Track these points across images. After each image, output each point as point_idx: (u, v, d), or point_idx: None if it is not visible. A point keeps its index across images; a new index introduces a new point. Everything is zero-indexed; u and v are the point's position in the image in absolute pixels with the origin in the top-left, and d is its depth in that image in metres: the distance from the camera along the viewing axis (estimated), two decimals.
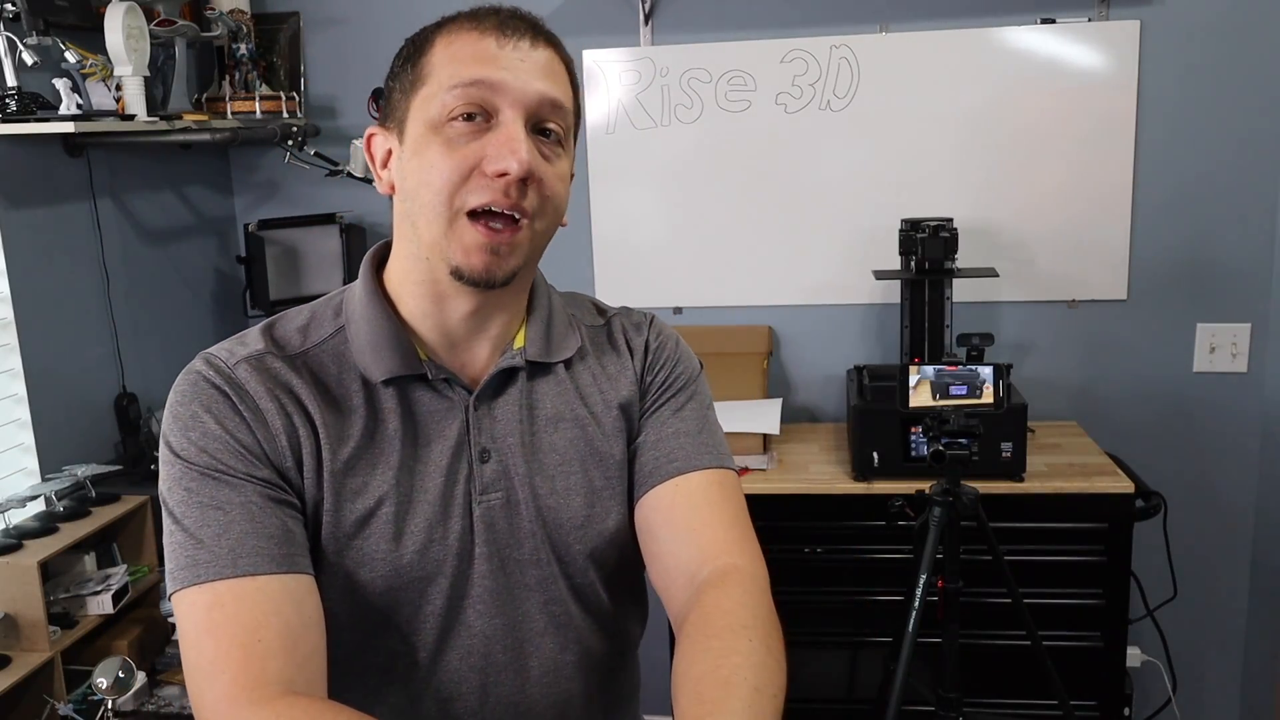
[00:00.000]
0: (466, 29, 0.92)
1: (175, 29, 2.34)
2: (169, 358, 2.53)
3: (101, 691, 1.67)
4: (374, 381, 0.95)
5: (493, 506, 0.96)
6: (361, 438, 0.94)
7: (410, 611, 0.95)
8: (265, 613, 0.85)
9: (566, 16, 2.64)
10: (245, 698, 0.81)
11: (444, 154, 0.90)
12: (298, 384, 0.93)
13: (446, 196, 0.89)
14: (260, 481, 0.90)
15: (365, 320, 0.96)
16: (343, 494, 0.93)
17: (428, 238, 0.92)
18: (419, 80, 0.93)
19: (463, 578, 0.96)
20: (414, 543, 0.94)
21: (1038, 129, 2.53)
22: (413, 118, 0.92)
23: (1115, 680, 2.28)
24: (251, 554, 0.86)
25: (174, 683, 1.89)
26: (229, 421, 0.90)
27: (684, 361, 1.08)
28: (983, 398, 1.95)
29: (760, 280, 2.70)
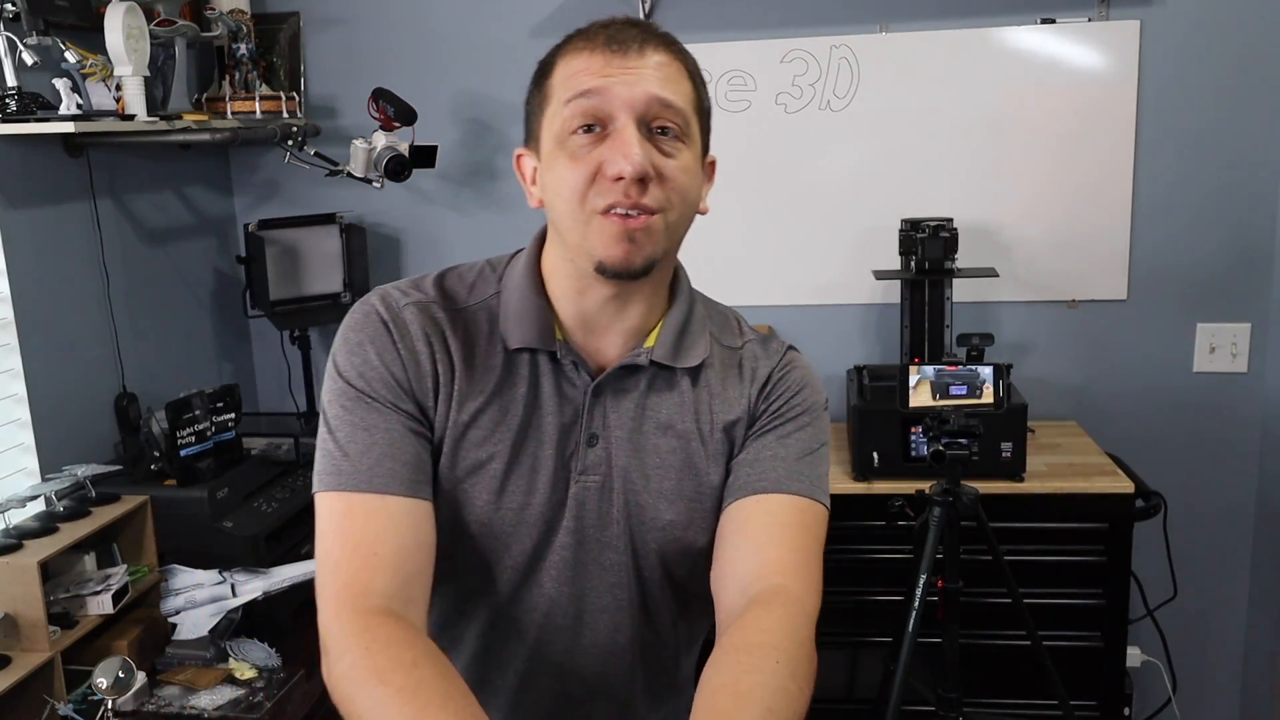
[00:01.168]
0: (580, 47, 1.01)
1: (175, 29, 2.34)
2: (169, 358, 2.53)
3: (101, 691, 1.67)
4: (510, 348, 1.05)
5: (588, 487, 1.05)
6: (491, 394, 1.04)
7: (493, 559, 1.05)
8: (386, 529, 0.97)
9: (566, 16, 2.64)
10: (351, 602, 0.93)
11: (569, 165, 0.98)
12: (450, 335, 1.04)
13: (577, 203, 0.98)
14: (404, 413, 1.01)
15: (517, 290, 1.06)
16: (463, 441, 1.03)
17: (571, 241, 1.00)
18: (545, 100, 1.02)
19: (545, 543, 1.05)
20: (512, 501, 1.04)
21: (1038, 129, 2.54)
22: (544, 135, 1.02)
23: (1115, 680, 2.28)
24: (386, 475, 0.98)
25: (174, 683, 1.89)
26: (388, 355, 1.02)
27: (805, 394, 1.11)
28: (983, 398, 1.95)
29: (760, 280, 2.70)
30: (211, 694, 1.85)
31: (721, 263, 2.68)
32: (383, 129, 2.45)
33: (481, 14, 2.68)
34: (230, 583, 1.99)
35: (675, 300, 1.09)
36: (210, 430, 2.12)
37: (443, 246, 2.81)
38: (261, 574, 2.01)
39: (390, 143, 2.44)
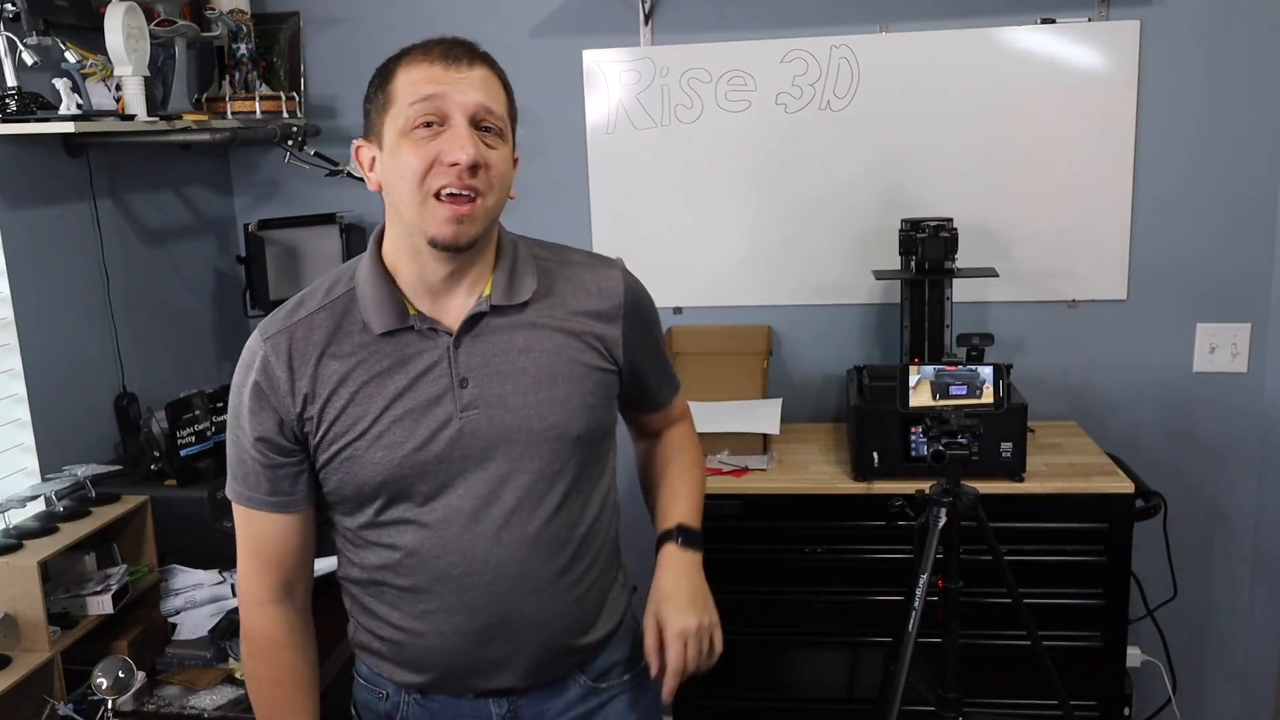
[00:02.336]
0: (419, 59, 1.23)
1: (175, 29, 2.34)
2: (169, 358, 2.53)
3: (101, 691, 1.67)
4: (375, 332, 1.25)
5: (473, 419, 1.25)
6: (364, 372, 1.25)
7: (406, 488, 1.26)
8: (271, 536, 1.31)
9: (566, 16, 2.64)
10: (254, 595, 1.33)
11: (412, 152, 1.19)
12: (310, 342, 1.25)
13: (417, 183, 1.19)
14: (266, 451, 1.27)
15: (369, 283, 1.26)
16: (344, 415, 1.24)
17: (408, 217, 1.21)
18: (389, 101, 1.22)
19: (447, 469, 1.25)
20: (402, 451, 1.24)
21: (1038, 129, 2.54)
22: (387, 130, 1.22)
23: (1115, 680, 2.28)
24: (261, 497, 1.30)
25: (174, 683, 1.89)
26: (255, 407, 1.27)
27: (649, 299, 1.42)
28: (983, 398, 1.95)
29: (760, 280, 2.70)
30: (211, 694, 1.85)
31: (722, 263, 2.68)
32: None
33: (481, 14, 2.68)
34: (230, 583, 1.99)
35: (501, 254, 1.31)
36: (210, 430, 2.12)
37: None
38: None
39: None
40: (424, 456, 1.24)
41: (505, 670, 1.33)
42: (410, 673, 1.35)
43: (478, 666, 1.32)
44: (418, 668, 1.34)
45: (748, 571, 2.33)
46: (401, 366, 1.25)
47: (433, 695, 1.36)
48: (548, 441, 1.28)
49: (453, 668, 1.32)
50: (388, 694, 1.39)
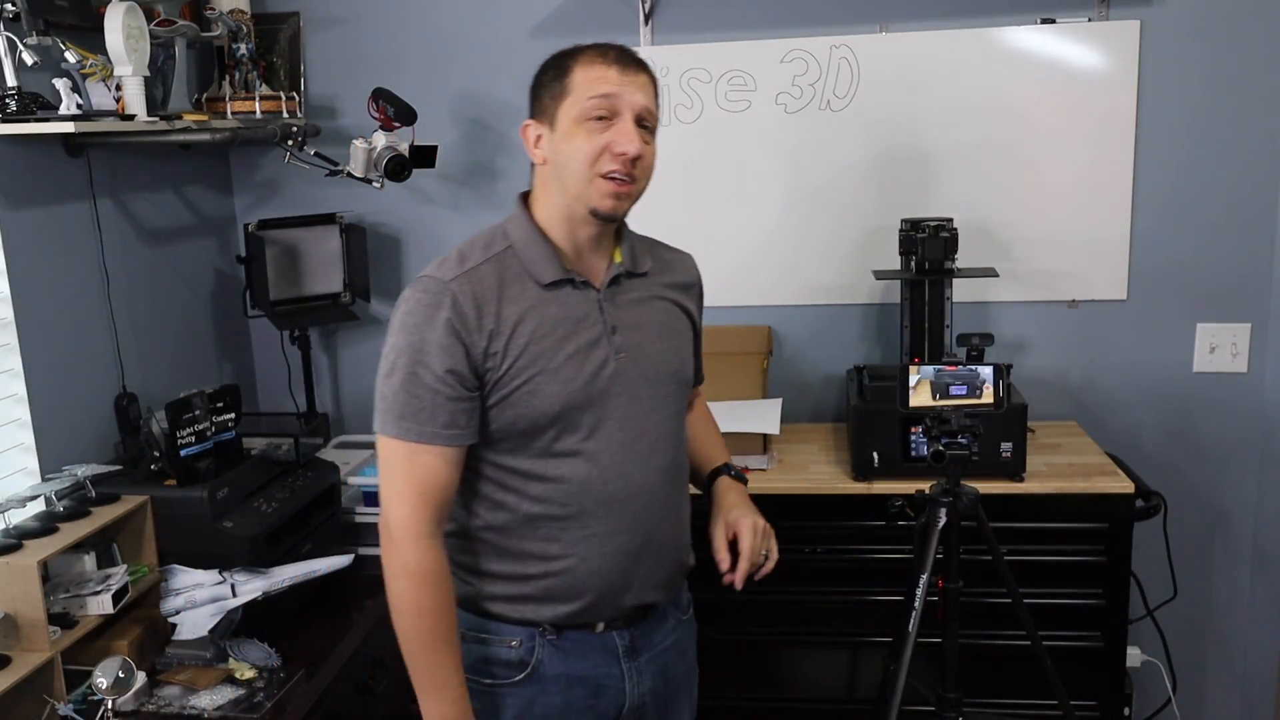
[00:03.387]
0: (598, 60, 1.42)
1: (175, 29, 2.34)
2: (169, 358, 2.53)
3: (101, 691, 1.67)
4: (543, 283, 1.44)
5: (623, 360, 1.47)
6: (535, 318, 1.42)
7: (575, 419, 1.44)
8: (437, 469, 1.41)
9: (567, 16, 2.64)
10: (416, 530, 1.40)
11: (586, 139, 1.40)
12: (485, 286, 1.41)
13: (588, 165, 1.40)
14: (450, 382, 1.39)
15: (531, 242, 1.46)
16: (524, 354, 1.41)
17: (574, 190, 1.42)
18: (564, 91, 1.42)
19: (606, 403, 1.45)
20: (573, 384, 1.43)
21: (1038, 129, 2.54)
22: (562, 115, 1.42)
23: (1115, 680, 2.28)
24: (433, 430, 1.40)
25: (174, 683, 1.89)
26: (439, 334, 1.39)
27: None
28: (983, 398, 1.95)
29: (760, 280, 2.70)
30: (211, 694, 1.85)
31: (722, 262, 2.68)
32: (383, 129, 2.45)
33: (481, 14, 2.68)
34: (230, 583, 1.99)
35: (621, 235, 1.54)
36: (210, 430, 2.12)
37: (443, 246, 2.77)
38: (261, 574, 2.01)
39: (390, 143, 2.44)
40: (591, 390, 1.44)
41: (649, 586, 1.53)
42: (560, 605, 1.48)
43: (630, 584, 1.50)
44: (573, 596, 1.48)
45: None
46: (565, 313, 1.44)
47: (567, 633, 1.50)
48: (673, 383, 1.54)
49: (611, 587, 1.49)
50: (520, 640, 1.50)
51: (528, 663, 1.49)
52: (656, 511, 1.51)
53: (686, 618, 1.67)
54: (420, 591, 1.41)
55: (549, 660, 1.50)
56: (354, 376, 2.92)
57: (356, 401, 2.93)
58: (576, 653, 1.50)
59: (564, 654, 1.50)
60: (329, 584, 2.18)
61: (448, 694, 1.42)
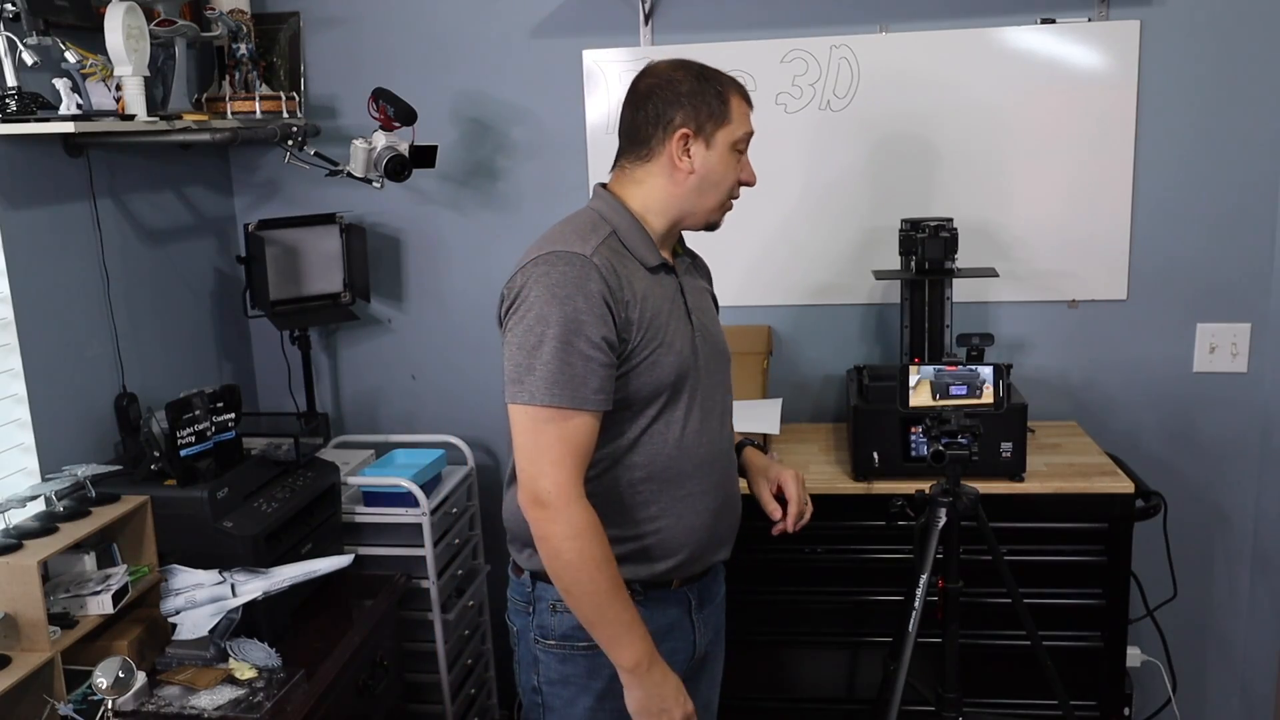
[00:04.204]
0: (745, 99, 1.64)
1: (175, 29, 2.34)
2: (169, 358, 2.53)
3: (101, 691, 1.67)
4: (648, 266, 1.58)
5: (700, 339, 1.63)
6: (650, 296, 1.56)
7: (681, 387, 1.59)
8: (588, 433, 1.51)
9: (567, 16, 2.64)
10: (574, 490, 1.48)
11: (733, 168, 1.62)
12: (613, 265, 1.52)
13: (729, 190, 1.64)
14: (603, 348, 1.49)
15: (635, 231, 1.59)
16: (650, 327, 1.54)
17: (708, 205, 1.63)
18: (725, 117, 1.59)
19: (698, 373, 1.62)
20: (683, 355, 1.59)
21: (1038, 129, 2.54)
22: (720, 138, 1.59)
23: (1115, 680, 2.28)
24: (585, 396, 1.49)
25: (174, 683, 1.89)
26: (593, 303, 1.50)
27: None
28: (983, 398, 1.95)
29: (760, 280, 2.70)
30: (211, 694, 1.85)
31: (722, 262, 2.66)
32: (383, 129, 2.45)
33: (481, 14, 2.68)
34: (230, 583, 1.99)
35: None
36: (210, 430, 2.12)
37: (443, 246, 2.81)
38: (261, 574, 2.01)
39: (390, 143, 2.44)
40: (693, 361, 1.60)
41: (725, 543, 1.72)
42: (657, 563, 1.61)
43: (714, 541, 1.67)
44: (668, 554, 1.61)
45: (748, 571, 2.33)
46: (664, 293, 1.59)
47: (651, 591, 1.62)
48: (729, 361, 1.72)
49: (701, 543, 1.64)
50: None
51: None
52: (729, 474, 1.69)
53: (724, 577, 1.84)
54: (593, 546, 1.48)
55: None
56: (354, 376, 2.92)
57: (356, 401, 2.93)
58: (659, 609, 1.63)
59: (650, 611, 1.60)
60: (329, 584, 2.18)
61: (637, 633, 1.51)
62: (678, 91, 1.57)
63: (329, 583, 2.17)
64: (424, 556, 2.45)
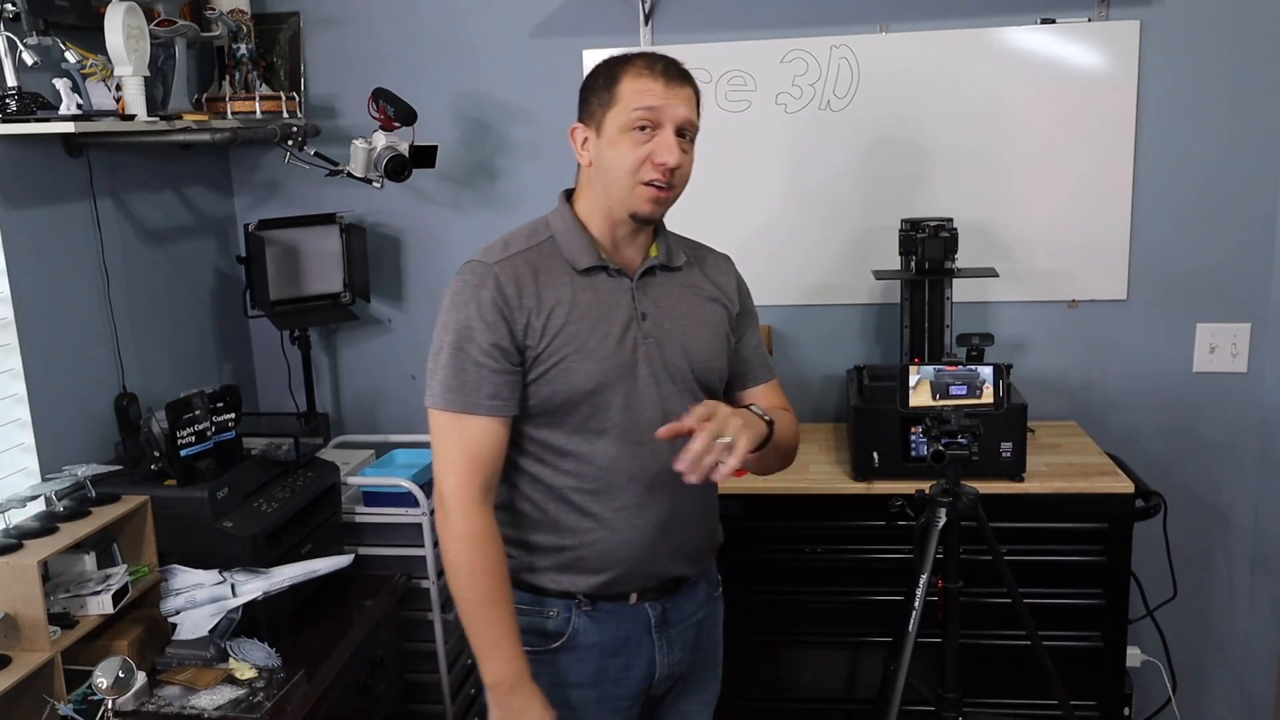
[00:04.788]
0: (645, 72, 1.50)
1: (175, 29, 2.34)
2: (169, 358, 2.53)
3: (101, 691, 1.67)
4: (579, 269, 1.53)
5: (649, 345, 1.55)
6: (570, 301, 1.51)
7: (607, 397, 1.53)
8: (484, 438, 1.50)
9: (567, 16, 2.64)
10: (465, 496, 1.48)
11: (630, 149, 1.49)
12: (528, 270, 1.51)
13: (631, 173, 1.49)
14: (494, 355, 1.48)
15: (570, 232, 1.56)
16: (560, 334, 1.50)
17: (616, 195, 1.51)
18: (613, 99, 1.50)
19: (634, 383, 1.54)
20: (605, 364, 1.52)
21: (1038, 129, 2.54)
22: (609, 123, 1.50)
23: (1115, 680, 2.28)
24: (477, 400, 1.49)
25: (174, 683, 1.89)
26: (485, 313, 1.49)
27: (749, 291, 1.76)
28: (983, 398, 1.95)
29: (760, 280, 2.68)
30: (211, 694, 1.85)
31: None
32: (383, 129, 2.45)
33: (482, 14, 2.68)
34: (230, 583, 1.99)
35: (658, 232, 1.63)
36: (210, 430, 2.12)
37: (443, 246, 2.81)
38: (261, 574, 2.01)
39: (390, 143, 2.44)
40: (623, 369, 1.52)
41: (678, 558, 1.61)
42: (594, 575, 1.56)
43: (658, 556, 1.58)
44: (604, 566, 1.56)
45: (748, 571, 2.33)
46: (599, 297, 1.54)
47: (601, 604, 1.58)
48: (700, 370, 1.60)
49: (640, 558, 1.56)
50: (557, 611, 1.58)
51: (563, 632, 1.57)
52: (683, 487, 1.53)
53: (717, 594, 1.75)
54: (472, 554, 1.48)
55: (584, 630, 1.58)
56: (354, 376, 2.92)
57: (356, 401, 2.93)
58: (610, 623, 1.58)
59: (598, 624, 1.58)
60: (329, 584, 2.18)
61: (503, 653, 1.49)
62: (581, 91, 1.57)
63: (329, 583, 2.16)
64: (424, 556, 2.45)
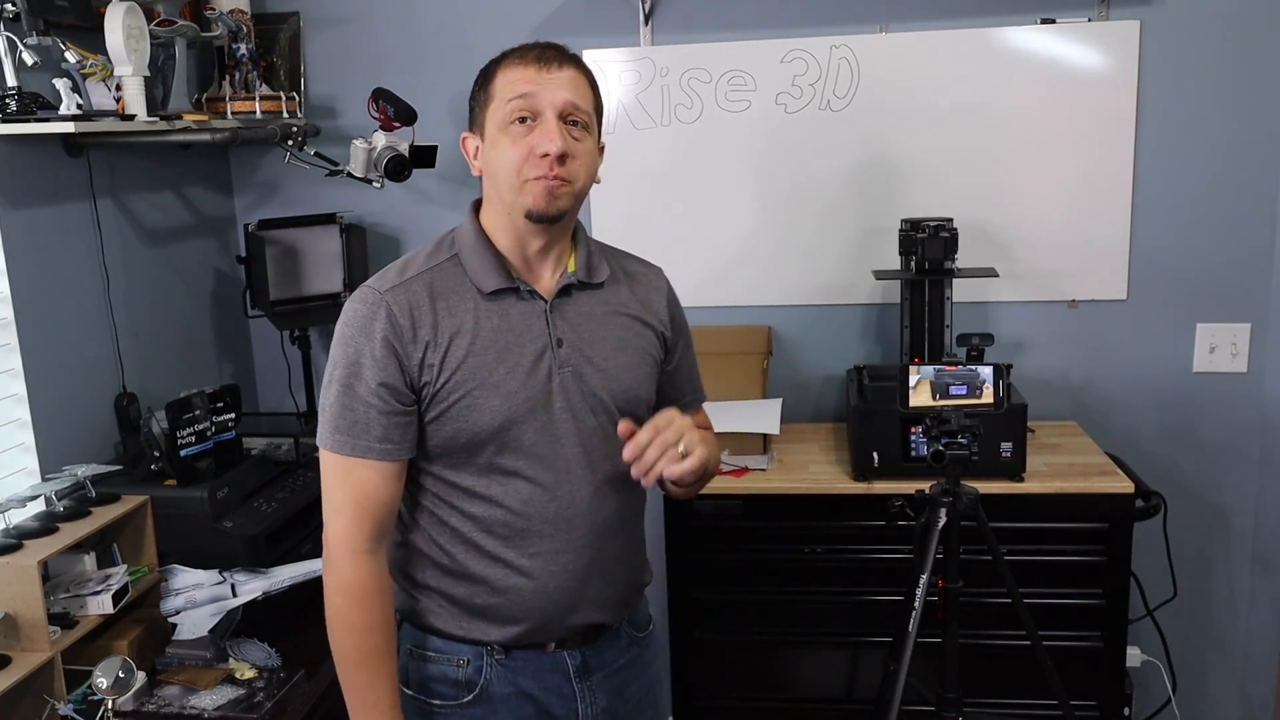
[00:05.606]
0: (516, 62, 1.37)
1: (175, 29, 2.34)
2: (169, 358, 2.53)
3: (101, 691, 1.67)
4: (485, 292, 1.38)
5: (566, 375, 1.40)
6: (473, 328, 1.36)
7: (517, 435, 1.38)
8: (373, 483, 1.36)
9: (567, 16, 2.64)
10: (352, 544, 1.36)
11: (510, 145, 1.34)
12: (426, 296, 1.36)
13: (515, 172, 1.34)
14: (383, 395, 1.34)
15: (475, 251, 1.40)
16: (462, 367, 1.35)
17: (508, 199, 1.36)
18: (489, 99, 1.37)
19: (549, 418, 1.39)
20: (514, 399, 1.37)
21: (1038, 129, 2.54)
22: (488, 123, 1.37)
23: (1115, 680, 2.28)
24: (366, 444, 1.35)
25: (174, 683, 1.89)
26: (375, 348, 1.34)
27: (682, 308, 1.59)
28: (983, 398, 1.95)
29: (760, 280, 2.70)
30: (211, 694, 1.85)
31: (722, 262, 2.68)
32: (383, 129, 2.45)
33: (481, 14, 2.68)
34: (230, 583, 1.99)
35: (577, 242, 1.47)
36: (210, 430, 2.12)
37: None
38: (261, 574, 2.01)
39: (390, 143, 2.44)
40: (534, 403, 1.38)
41: (598, 605, 1.47)
42: (506, 625, 1.43)
43: (577, 604, 1.44)
44: (517, 617, 1.42)
45: (748, 571, 2.34)
46: (507, 324, 1.38)
47: (516, 652, 1.45)
48: (626, 399, 1.45)
49: (557, 606, 1.43)
50: (468, 659, 1.45)
51: (476, 683, 1.44)
52: (604, 530, 1.45)
53: (644, 635, 1.59)
54: (351, 609, 1.37)
55: (498, 680, 1.44)
56: None
57: None
58: (526, 672, 1.45)
59: (513, 673, 1.45)
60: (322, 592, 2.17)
61: (378, 714, 1.39)
62: (469, 100, 1.44)
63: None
64: None
